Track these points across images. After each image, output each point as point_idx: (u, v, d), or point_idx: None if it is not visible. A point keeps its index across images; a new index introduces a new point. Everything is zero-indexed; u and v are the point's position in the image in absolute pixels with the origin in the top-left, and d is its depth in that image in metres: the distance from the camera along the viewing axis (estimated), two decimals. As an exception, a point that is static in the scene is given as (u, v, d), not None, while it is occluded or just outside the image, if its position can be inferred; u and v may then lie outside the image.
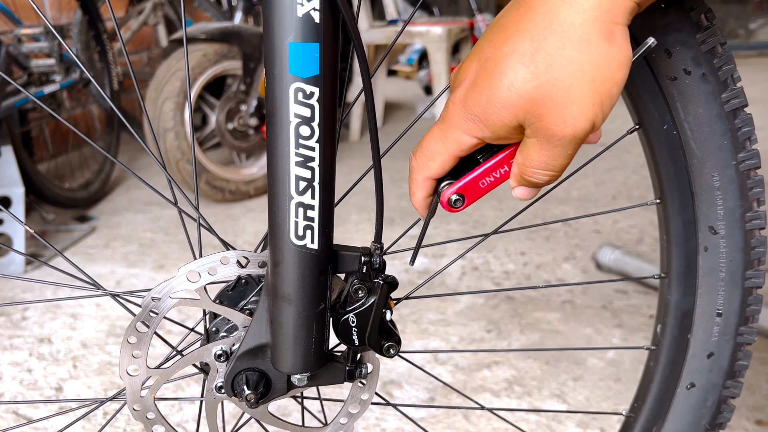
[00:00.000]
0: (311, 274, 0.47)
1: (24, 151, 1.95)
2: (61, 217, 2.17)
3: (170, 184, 0.54)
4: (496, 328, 1.40)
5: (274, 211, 0.46)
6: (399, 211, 2.15)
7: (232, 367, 0.52)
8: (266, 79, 0.43)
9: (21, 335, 1.44)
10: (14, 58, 1.88)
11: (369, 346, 0.52)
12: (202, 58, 2.11)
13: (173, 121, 2.05)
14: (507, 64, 0.43)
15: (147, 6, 2.93)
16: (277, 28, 0.41)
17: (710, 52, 0.53)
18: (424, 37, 2.83)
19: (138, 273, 1.75)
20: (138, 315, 0.51)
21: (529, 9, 0.43)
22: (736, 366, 0.62)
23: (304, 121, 0.43)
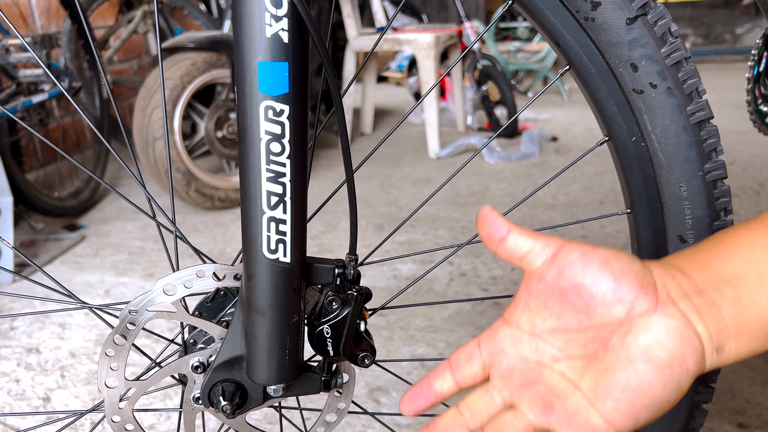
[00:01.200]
0: (284, 287, 0.48)
1: (12, 161, 1.95)
2: (50, 226, 2.17)
3: (149, 200, 0.55)
4: (482, 334, 1.41)
5: (246, 225, 0.47)
6: (388, 217, 2.16)
7: (208, 379, 0.53)
8: (237, 97, 0.44)
9: (9, 345, 1.44)
10: (2, 68, 1.88)
11: (344, 356, 0.53)
12: (191, 66, 2.12)
13: (162, 129, 2.06)
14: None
15: (137, 14, 2.93)
16: (247, 48, 0.42)
17: (675, 66, 0.54)
18: (413, 44, 2.84)
19: (127, 282, 1.75)
20: (116, 328, 0.52)
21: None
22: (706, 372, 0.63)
23: (275, 138, 0.44)
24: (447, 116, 3.55)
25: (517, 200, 2.28)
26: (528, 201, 2.25)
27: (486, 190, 2.41)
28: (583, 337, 0.42)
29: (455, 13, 4.39)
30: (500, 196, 2.34)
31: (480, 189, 2.43)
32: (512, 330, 0.45)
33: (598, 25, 0.53)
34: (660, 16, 0.53)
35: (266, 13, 0.41)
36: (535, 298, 0.43)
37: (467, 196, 2.34)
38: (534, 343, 0.44)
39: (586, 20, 0.53)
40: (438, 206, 2.23)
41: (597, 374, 0.41)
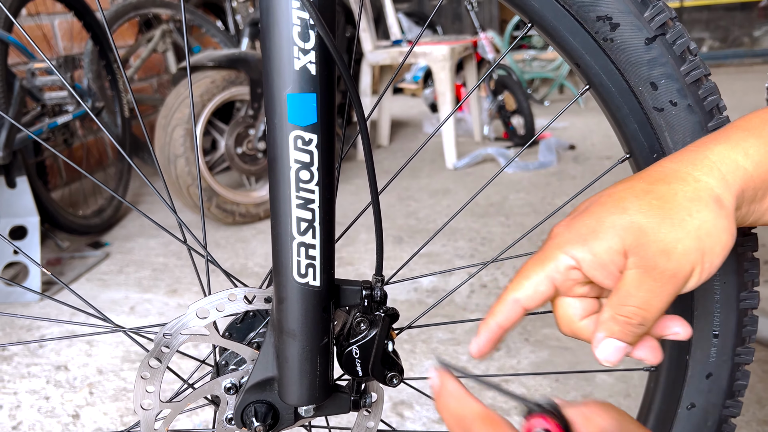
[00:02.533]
0: (314, 310, 0.49)
1: (38, 181, 1.99)
2: (75, 244, 2.21)
3: (180, 226, 0.56)
4: (505, 346, 1.41)
5: (277, 250, 0.48)
6: (407, 229, 2.17)
7: (241, 400, 0.54)
8: (267, 127, 0.45)
9: (38, 363, 1.47)
10: (28, 91, 1.93)
11: (372, 376, 0.54)
12: (210, 84, 2.15)
13: (183, 147, 2.09)
14: (622, 196, 0.45)
15: (156, 33, 2.99)
16: (276, 81, 0.44)
17: (695, 83, 0.55)
18: (428, 56, 2.86)
19: (151, 298, 1.78)
20: (151, 351, 0.53)
21: (646, 171, 0.47)
22: (735, 386, 0.63)
23: (304, 166, 0.46)
24: (463, 126, 3.56)
25: (536, 209, 2.27)
26: (547, 211, 2.25)
27: (505, 201, 2.41)
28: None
29: (470, 23, 4.41)
30: (519, 206, 2.34)
31: (499, 199, 2.43)
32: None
33: (617, 46, 0.54)
34: (678, 35, 0.54)
35: (294, 47, 0.43)
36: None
37: (486, 207, 2.35)
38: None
39: (605, 41, 0.54)
40: (457, 217, 2.23)
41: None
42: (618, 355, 0.44)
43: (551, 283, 0.46)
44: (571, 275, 0.45)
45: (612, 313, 0.44)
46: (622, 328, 0.44)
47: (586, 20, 0.54)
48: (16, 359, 1.48)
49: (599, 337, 0.44)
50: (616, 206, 0.44)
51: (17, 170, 1.88)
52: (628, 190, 0.45)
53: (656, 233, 0.43)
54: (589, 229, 0.44)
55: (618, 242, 0.43)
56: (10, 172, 1.88)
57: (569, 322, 0.48)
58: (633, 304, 0.43)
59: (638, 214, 0.43)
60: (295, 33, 0.43)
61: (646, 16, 0.53)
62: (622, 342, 0.44)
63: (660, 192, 0.44)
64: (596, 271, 0.44)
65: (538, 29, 0.56)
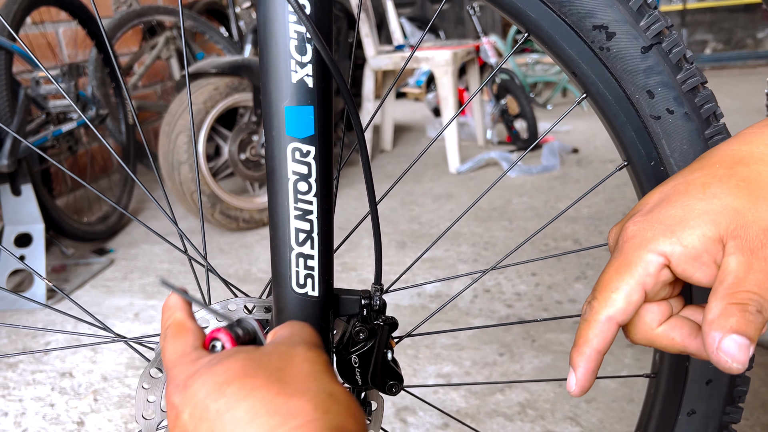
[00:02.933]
0: (313, 320, 0.49)
1: (43, 188, 2.01)
2: (80, 251, 2.22)
3: (181, 237, 0.57)
4: (508, 351, 1.41)
5: (276, 261, 0.49)
6: (410, 234, 2.17)
7: (241, 409, 0.54)
8: (266, 139, 0.46)
9: (43, 370, 1.47)
10: (33, 99, 1.94)
11: (372, 385, 0.54)
12: (214, 91, 2.16)
13: (187, 153, 2.10)
14: (705, 182, 0.42)
15: (160, 41, 3.00)
16: (274, 94, 0.44)
17: (691, 91, 0.55)
18: (431, 61, 2.87)
19: (156, 304, 1.78)
20: (152, 361, 0.54)
21: (713, 156, 0.45)
22: (735, 392, 0.63)
23: (302, 178, 0.46)
24: (466, 131, 3.56)
25: (539, 214, 2.28)
26: (551, 215, 2.25)
27: (508, 205, 2.41)
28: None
29: (472, 28, 4.42)
30: (522, 210, 2.34)
31: (502, 203, 2.43)
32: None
33: (613, 55, 0.54)
34: (674, 44, 0.54)
35: (291, 60, 0.43)
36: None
37: (489, 211, 2.35)
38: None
39: (601, 50, 0.55)
40: (460, 222, 2.23)
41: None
42: (744, 354, 0.37)
43: (643, 289, 0.41)
44: (663, 276, 0.41)
45: (723, 306, 0.37)
46: (740, 318, 0.37)
47: (582, 29, 0.54)
48: (22, 366, 1.49)
49: (716, 337, 0.37)
50: (702, 192, 0.41)
51: (22, 178, 1.89)
52: (708, 175, 0.42)
53: (754, 213, 0.39)
54: (676, 220, 0.40)
55: (713, 229, 0.39)
56: (15, 180, 1.89)
57: (646, 330, 0.43)
58: (746, 289, 0.37)
59: (729, 197, 0.40)
60: (292, 46, 0.43)
61: (641, 25, 0.53)
62: (744, 336, 0.37)
63: (743, 174, 0.41)
64: (688, 264, 0.40)
65: (535, 39, 0.57)
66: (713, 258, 0.40)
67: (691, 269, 0.40)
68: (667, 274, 0.41)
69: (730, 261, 0.39)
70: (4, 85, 1.80)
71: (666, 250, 0.40)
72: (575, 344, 0.42)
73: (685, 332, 0.43)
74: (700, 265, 0.40)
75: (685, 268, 0.40)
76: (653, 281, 0.41)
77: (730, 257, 0.39)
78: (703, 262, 0.40)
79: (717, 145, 0.46)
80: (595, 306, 0.42)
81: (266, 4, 0.43)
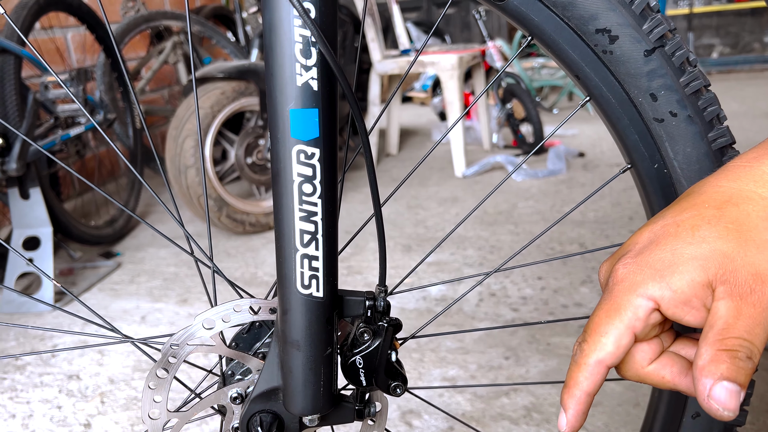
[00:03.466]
0: (318, 321, 0.50)
1: (51, 192, 2.02)
2: (87, 254, 2.23)
3: (188, 239, 0.57)
4: (514, 355, 1.41)
5: (281, 262, 0.49)
6: (415, 238, 2.17)
7: (246, 410, 0.55)
8: (271, 142, 0.46)
9: (51, 372, 1.48)
10: (42, 103, 1.96)
11: (376, 386, 0.54)
12: (221, 96, 2.17)
13: (194, 157, 2.12)
14: (694, 224, 0.42)
15: (167, 45, 3.02)
16: (279, 97, 0.45)
17: (695, 94, 0.56)
18: (436, 66, 2.88)
19: (162, 307, 1.79)
20: (158, 361, 0.54)
21: (702, 193, 0.44)
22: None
23: (307, 180, 0.47)
24: (472, 135, 3.57)
25: (545, 218, 2.27)
26: (557, 219, 2.25)
27: (514, 209, 2.41)
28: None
29: (478, 32, 4.43)
30: (528, 214, 2.34)
31: (507, 207, 2.43)
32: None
33: (616, 58, 0.55)
34: (677, 47, 0.54)
35: (297, 64, 0.44)
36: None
37: (494, 215, 2.35)
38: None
39: (604, 53, 0.55)
40: (465, 225, 2.23)
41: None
42: (735, 401, 0.37)
43: (632, 333, 0.41)
44: (652, 319, 0.42)
45: (713, 352, 0.38)
46: (730, 364, 0.37)
47: (585, 33, 0.54)
48: (29, 369, 1.50)
49: (706, 384, 0.37)
50: (692, 235, 0.41)
51: (31, 181, 1.91)
52: (697, 217, 0.42)
53: (743, 257, 0.39)
54: (665, 264, 0.41)
55: (702, 274, 0.40)
56: (23, 184, 1.90)
57: (636, 368, 0.43)
58: (735, 335, 0.38)
59: (718, 241, 0.40)
60: (297, 50, 0.44)
61: (644, 29, 0.53)
62: (734, 383, 0.37)
63: (732, 215, 0.41)
64: (677, 308, 0.40)
65: (538, 42, 0.57)
66: (702, 302, 0.40)
67: (681, 312, 0.41)
68: (656, 316, 0.42)
69: (720, 306, 0.39)
70: (14, 89, 1.82)
71: (655, 294, 0.41)
72: (566, 385, 0.43)
73: (676, 371, 0.43)
74: (689, 309, 0.40)
75: (674, 311, 0.41)
76: (642, 325, 0.41)
77: (719, 302, 0.39)
78: (692, 306, 0.40)
79: (706, 179, 0.46)
80: (585, 349, 0.42)
81: (272, 9, 0.44)
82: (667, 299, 0.40)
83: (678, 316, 0.41)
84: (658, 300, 0.41)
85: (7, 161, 1.75)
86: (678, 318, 0.41)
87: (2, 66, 1.82)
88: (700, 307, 0.40)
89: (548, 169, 2.82)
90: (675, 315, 0.41)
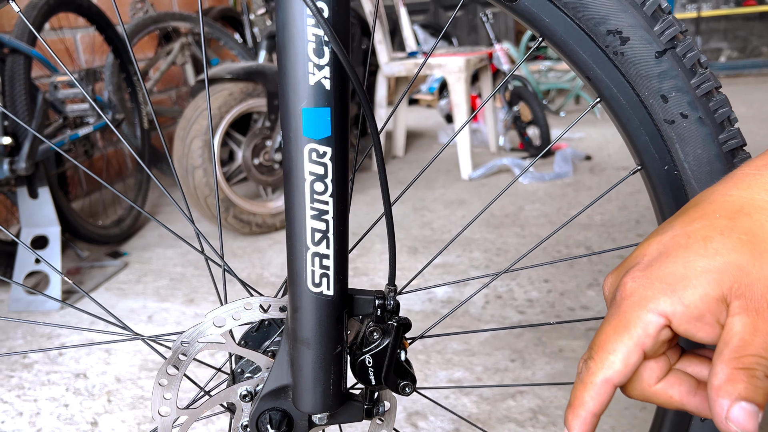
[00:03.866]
0: (328, 319, 0.50)
1: (60, 191, 2.03)
2: (94, 254, 2.24)
3: (198, 236, 0.58)
4: (520, 358, 1.41)
5: (292, 260, 0.49)
6: (422, 240, 2.17)
7: (256, 407, 0.55)
8: (283, 140, 0.47)
9: (58, 371, 1.49)
10: (51, 103, 1.97)
11: (385, 385, 0.55)
12: (228, 97, 2.18)
13: (201, 158, 2.12)
14: (705, 235, 0.40)
15: (175, 46, 3.04)
16: (292, 96, 0.45)
17: (705, 96, 0.55)
18: (444, 68, 2.88)
19: (169, 307, 1.80)
20: (168, 359, 0.54)
21: (712, 202, 0.42)
22: (749, 398, 0.63)
23: (318, 178, 0.47)
24: (479, 137, 3.56)
25: (552, 221, 2.27)
26: (563, 222, 2.24)
27: (520, 211, 2.41)
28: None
29: (485, 35, 4.43)
30: (534, 216, 2.34)
31: (514, 210, 2.43)
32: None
33: (627, 59, 0.55)
34: (689, 48, 0.54)
35: (309, 63, 0.44)
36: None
37: (501, 218, 2.35)
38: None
39: (615, 54, 0.55)
40: (472, 228, 2.23)
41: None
42: (753, 422, 0.35)
43: (641, 351, 0.40)
44: (662, 336, 0.40)
45: (729, 371, 0.36)
46: (747, 383, 0.35)
47: (596, 34, 0.55)
48: (37, 367, 1.51)
49: (724, 405, 0.35)
50: (704, 247, 0.39)
51: (39, 181, 1.92)
52: (709, 227, 0.40)
53: (759, 270, 0.37)
54: (678, 278, 0.39)
55: (716, 288, 0.38)
56: (32, 183, 1.92)
57: (644, 387, 0.42)
58: (753, 353, 0.36)
59: (732, 253, 0.38)
60: (310, 49, 0.44)
61: (656, 30, 0.54)
62: (753, 403, 0.35)
63: (745, 226, 0.39)
64: (690, 324, 0.39)
65: (549, 43, 0.57)
66: (716, 318, 0.38)
67: (694, 329, 0.39)
68: (667, 333, 0.40)
69: (735, 322, 0.37)
70: (24, 89, 1.83)
71: (667, 310, 0.39)
72: (570, 404, 0.42)
73: (684, 390, 0.42)
74: (702, 325, 0.39)
75: (687, 327, 0.39)
76: (652, 342, 0.39)
77: (734, 318, 0.37)
78: (705, 321, 0.38)
79: (714, 187, 0.44)
80: (592, 367, 0.40)
81: (285, 8, 0.44)
82: (679, 315, 0.38)
83: (690, 332, 0.39)
84: (669, 316, 0.39)
85: (17, 160, 1.76)
86: (690, 335, 0.39)
87: (12, 66, 1.83)
88: (714, 323, 0.38)
89: (555, 172, 2.82)
90: (687, 331, 0.39)
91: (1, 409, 1.35)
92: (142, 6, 2.96)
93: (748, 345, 0.36)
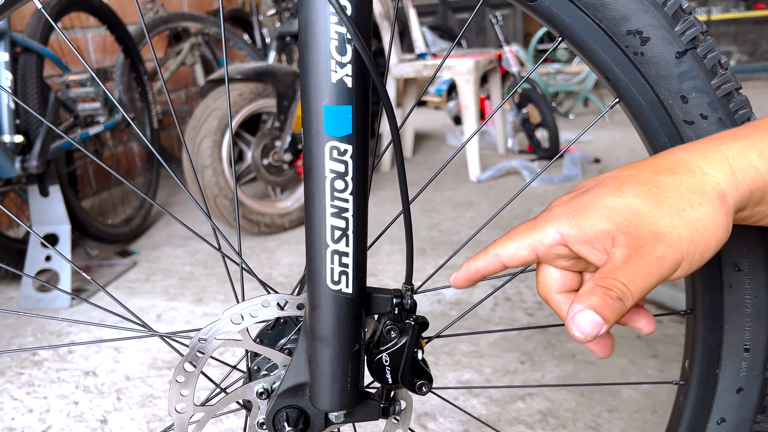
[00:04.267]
0: (346, 317, 0.50)
1: (70, 190, 2.04)
2: (104, 252, 2.25)
3: (215, 232, 0.58)
4: (529, 360, 1.40)
5: (311, 258, 0.49)
6: (430, 241, 2.17)
7: (273, 405, 0.55)
8: (304, 138, 0.47)
9: (68, 368, 1.49)
10: (62, 102, 1.98)
11: (402, 384, 0.54)
12: (238, 97, 2.19)
13: (211, 158, 2.13)
14: (623, 180, 0.46)
15: (185, 47, 3.05)
16: (314, 93, 0.45)
17: (726, 97, 0.55)
18: (453, 70, 2.88)
19: (177, 306, 1.80)
20: (186, 355, 0.54)
21: (658, 157, 0.48)
22: (767, 401, 0.63)
23: (339, 176, 0.47)
24: (487, 139, 3.56)
25: (561, 223, 2.26)
26: (571, 224, 2.23)
27: (529, 213, 2.40)
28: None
29: (494, 37, 4.42)
30: (543, 219, 2.33)
31: (523, 212, 2.42)
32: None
33: (647, 60, 0.55)
34: (709, 49, 0.54)
35: (332, 60, 0.44)
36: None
37: (510, 220, 2.34)
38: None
39: (635, 55, 0.55)
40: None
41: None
42: (592, 330, 0.41)
43: (533, 251, 0.48)
44: (556, 249, 0.48)
45: (593, 285, 0.42)
46: (601, 299, 0.41)
47: (616, 34, 0.54)
48: (47, 364, 1.51)
49: (576, 308, 0.42)
50: (615, 189, 0.45)
51: (50, 179, 1.93)
52: (631, 176, 0.46)
53: (651, 217, 0.43)
54: (582, 206, 0.46)
55: (608, 223, 0.44)
56: (43, 181, 1.92)
57: (546, 290, 0.51)
58: (615, 277, 0.42)
59: (635, 199, 0.44)
60: (333, 47, 0.44)
61: (676, 30, 0.53)
62: (599, 316, 0.41)
63: (664, 181, 0.45)
64: (581, 245, 0.46)
65: (568, 43, 0.57)
66: (604, 247, 0.45)
67: (585, 251, 0.46)
68: (563, 249, 0.47)
69: (616, 252, 0.43)
70: (36, 87, 1.84)
71: (563, 230, 0.46)
72: (471, 258, 0.51)
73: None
74: (592, 249, 0.45)
75: (579, 248, 0.46)
76: (545, 250, 0.48)
77: (616, 248, 0.44)
78: (594, 247, 0.45)
79: (672, 148, 0.50)
80: (496, 242, 0.50)
81: (308, 6, 0.44)
82: (572, 237, 0.46)
83: (582, 253, 0.46)
84: (565, 236, 0.46)
85: (28, 159, 1.77)
86: (583, 255, 0.46)
87: (25, 65, 1.84)
88: (602, 250, 0.45)
89: (564, 174, 2.81)
90: (580, 252, 0.46)
91: (11, 406, 1.35)
92: (152, 6, 2.97)
93: (616, 270, 0.42)
